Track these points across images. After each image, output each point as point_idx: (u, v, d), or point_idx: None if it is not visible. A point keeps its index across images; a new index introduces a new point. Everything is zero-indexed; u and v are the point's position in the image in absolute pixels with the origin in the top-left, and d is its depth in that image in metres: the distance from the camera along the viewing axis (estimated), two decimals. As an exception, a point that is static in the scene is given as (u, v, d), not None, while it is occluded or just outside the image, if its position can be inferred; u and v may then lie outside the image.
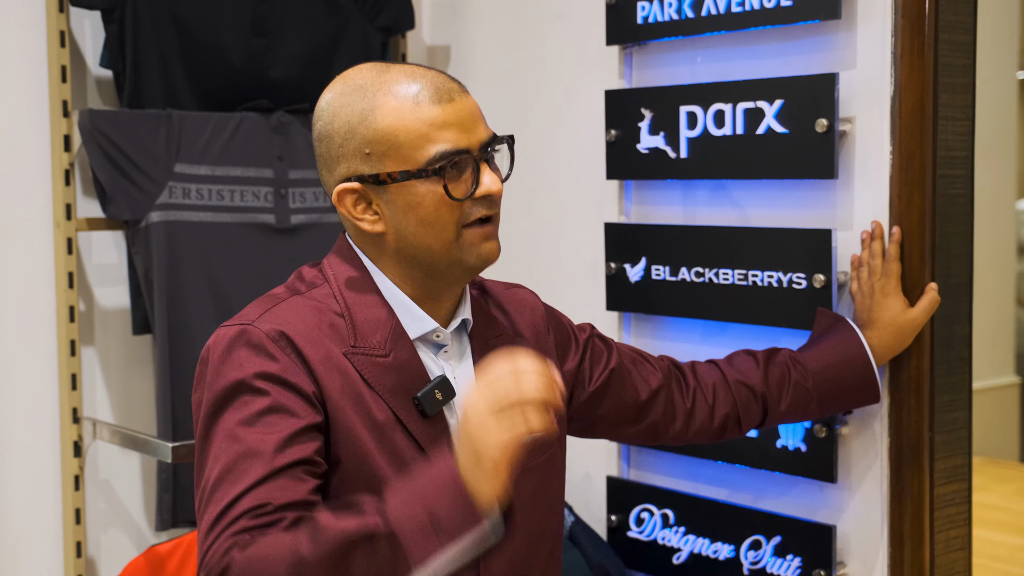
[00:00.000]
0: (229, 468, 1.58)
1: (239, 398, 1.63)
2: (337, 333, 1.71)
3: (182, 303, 2.82)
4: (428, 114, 1.68)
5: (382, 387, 1.70)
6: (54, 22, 2.79)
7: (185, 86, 2.89)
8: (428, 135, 1.68)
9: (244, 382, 1.64)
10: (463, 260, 1.73)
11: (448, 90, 1.71)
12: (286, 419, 1.62)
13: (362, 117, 1.70)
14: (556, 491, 1.91)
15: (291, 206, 2.95)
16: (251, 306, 1.74)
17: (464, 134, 1.70)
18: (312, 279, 1.79)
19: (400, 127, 1.68)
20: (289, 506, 1.56)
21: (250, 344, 1.66)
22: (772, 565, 2.43)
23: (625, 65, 2.69)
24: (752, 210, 2.48)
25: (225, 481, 1.57)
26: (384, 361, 1.72)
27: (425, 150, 1.68)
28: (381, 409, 1.70)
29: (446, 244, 1.72)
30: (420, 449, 1.71)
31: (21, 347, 2.87)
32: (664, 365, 2.13)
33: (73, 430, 2.86)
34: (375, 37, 3.10)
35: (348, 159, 1.72)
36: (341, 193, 1.73)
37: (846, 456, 2.36)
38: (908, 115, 2.22)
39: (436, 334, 1.78)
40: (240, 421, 1.61)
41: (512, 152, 1.80)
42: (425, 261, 1.74)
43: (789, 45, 2.39)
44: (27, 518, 2.89)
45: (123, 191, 2.78)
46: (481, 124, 1.73)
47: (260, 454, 1.58)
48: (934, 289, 2.21)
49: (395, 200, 1.71)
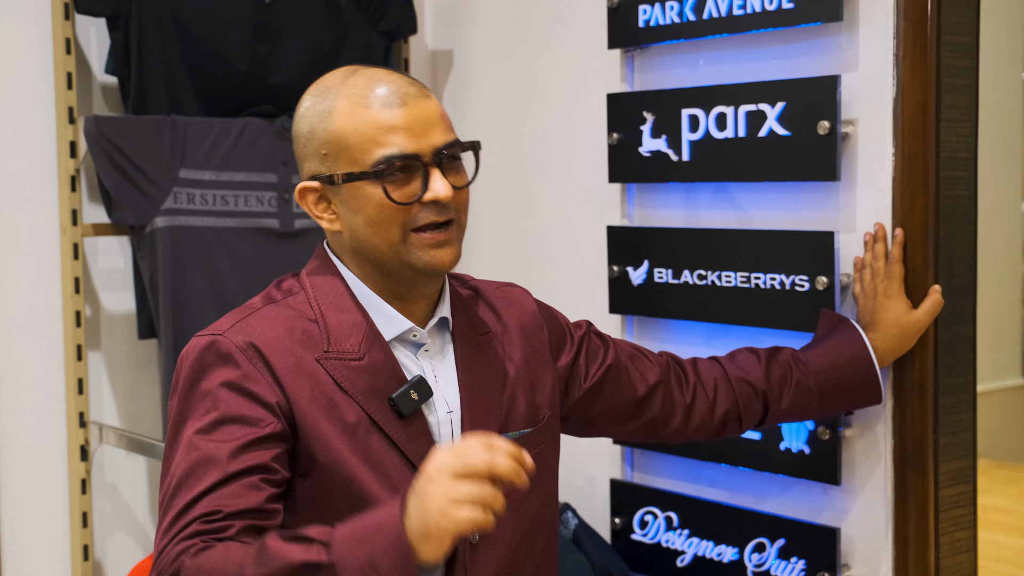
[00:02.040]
0: (186, 475, 1.62)
1: (202, 407, 1.67)
2: (310, 339, 1.74)
3: (187, 307, 2.83)
4: (377, 117, 1.72)
5: (355, 390, 1.72)
6: (60, 29, 2.80)
7: (189, 92, 2.90)
8: (375, 138, 1.71)
9: (208, 392, 1.68)
10: (411, 263, 1.75)
11: (403, 95, 1.73)
12: (243, 428, 1.65)
13: (320, 119, 1.75)
14: (548, 487, 1.92)
15: (295, 211, 2.96)
16: (227, 316, 1.78)
17: (414, 139, 1.72)
18: (289, 287, 1.83)
19: (350, 130, 1.72)
20: (240, 514, 1.59)
21: (218, 354, 1.70)
22: (776, 568, 2.43)
23: (627, 68, 2.70)
24: (754, 212, 2.48)
25: (183, 487, 1.62)
26: (357, 364, 1.74)
27: (372, 153, 1.71)
28: (354, 411, 1.72)
29: (392, 246, 1.74)
30: (397, 449, 1.73)
31: (28, 352, 2.88)
32: (663, 361, 2.13)
33: (80, 434, 2.87)
34: (377, 42, 3.11)
35: (310, 159, 1.78)
36: (302, 191, 1.79)
37: (850, 458, 2.36)
38: (910, 117, 2.22)
39: (413, 334, 1.80)
40: (199, 430, 1.65)
41: (477, 158, 1.81)
42: (377, 261, 1.77)
43: (791, 47, 2.40)
44: (34, 521, 2.90)
45: (128, 196, 2.79)
46: (437, 129, 1.74)
47: (215, 461, 1.62)
48: (937, 291, 2.21)
49: (347, 200, 1.74)
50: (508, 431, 1.84)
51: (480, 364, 1.85)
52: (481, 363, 1.85)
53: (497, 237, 3.15)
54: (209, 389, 1.68)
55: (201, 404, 1.67)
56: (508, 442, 1.52)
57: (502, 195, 3.12)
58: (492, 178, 3.10)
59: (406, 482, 1.69)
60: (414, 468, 1.72)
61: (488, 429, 1.80)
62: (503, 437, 1.56)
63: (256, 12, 2.93)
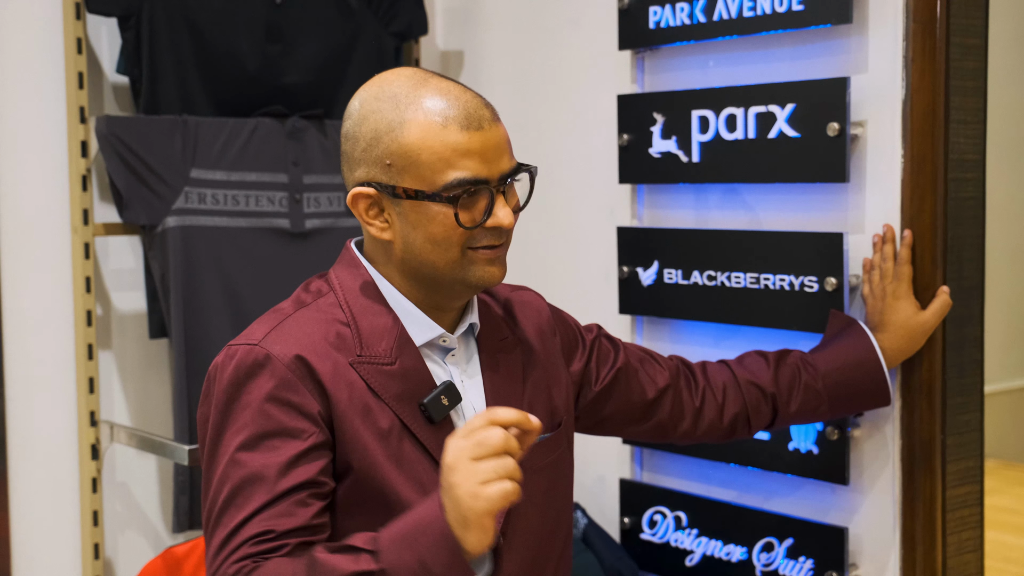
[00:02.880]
0: (234, 492, 1.63)
1: (243, 420, 1.66)
2: (343, 342, 1.73)
3: (198, 307, 2.84)
4: (453, 139, 1.68)
5: (388, 395, 1.72)
6: (71, 29, 2.81)
7: (201, 92, 2.91)
8: (450, 160, 1.68)
9: (247, 404, 1.67)
10: (465, 279, 1.74)
11: (479, 118, 1.70)
12: (288, 442, 1.65)
13: (389, 128, 1.70)
14: (565, 490, 1.93)
15: (305, 211, 2.97)
16: (257, 323, 1.76)
17: (485, 164, 1.69)
18: (318, 288, 1.81)
19: (424, 147, 1.68)
20: (292, 532, 1.61)
21: (256, 364, 1.68)
22: (784, 567, 2.44)
23: (637, 70, 2.70)
24: (764, 214, 2.49)
25: (231, 506, 1.62)
26: (390, 369, 1.73)
27: (444, 174, 1.68)
28: (387, 417, 1.71)
29: (450, 263, 1.73)
30: (428, 455, 1.73)
31: (39, 351, 2.89)
32: (672, 364, 2.14)
33: (91, 433, 2.88)
34: (389, 43, 3.11)
35: (369, 164, 1.72)
36: (356, 196, 1.74)
37: (858, 458, 2.36)
38: (919, 119, 2.22)
39: (443, 339, 1.79)
40: (243, 445, 1.65)
41: (532, 183, 1.79)
42: (428, 276, 1.75)
43: (801, 49, 2.40)
44: (45, 520, 2.91)
45: (140, 196, 2.80)
46: (506, 155, 1.72)
47: (263, 479, 1.62)
48: (946, 292, 2.21)
49: (407, 214, 1.72)
50: None
51: (503, 369, 1.85)
52: (504, 368, 1.85)
53: (506, 237, 3.16)
54: (248, 401, 1.66)
55: (240, 416, 1.66)
56: (508, 410, 1.54)
57: (512, 195, 3.13)
58: (502, 178, 3.11)
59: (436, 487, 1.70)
60: None
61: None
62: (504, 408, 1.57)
63: (268, 12, 2.94)
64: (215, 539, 1.63)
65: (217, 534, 1.62)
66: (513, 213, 1.74)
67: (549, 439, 1.87)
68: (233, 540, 1.60)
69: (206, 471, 1.69)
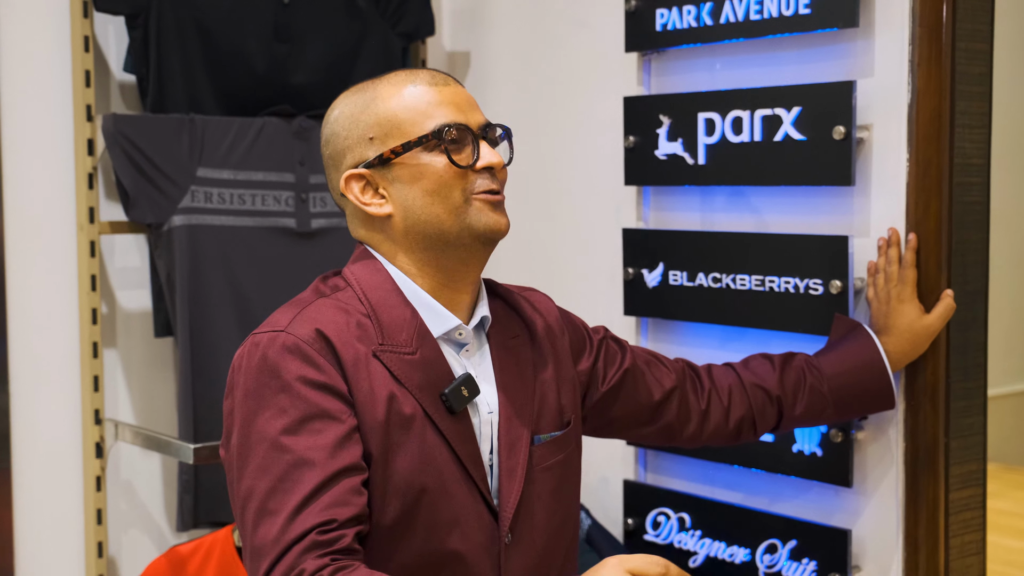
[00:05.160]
0: (281, 478, 1.61)
1: (279, 404, 1.65)
2: (365, 333, 1.74)
3: (204, 306, 2.85)
4: (426, 95, 1.77)
5: (411, 383, 1.73)
6: (78, 27, 2.82)
7: (208, 91, 2.91)
8: (427, 111, 1.76)
9: (282, 388, 1.66)
10: (472, 227, 1.76)
11: (443, 78, 1.80)
12: (329, 424, 1.65)
13: (363, 107, 1.78)
14: (573, 489, 1.93)
15: (312, 210, 2.97)
16: (279, 312, 1.76)
17: (461, 112, 1.77)
18: (335, 283, 1.82)
19: (401, 107, 1.76)
20: (350, 521, 1.60)
21: (286, 348, 1.68)
22: (788, 569, 2.44)
23: (644, 72, 2.71)
24: (769, 216, 2.49)
25: (279, 491, 1.60)
26: (412, 358, 1.74)
27: (425, 124, 1.75)
28: (410, 404, 1.72)
29: (454, 210, 1.75)
30: (448, 445, 1.73)
31: (44, 349, 2.89)
32: (678, 367, 2.14)
33: (95, 431, 2.88)
34: (396, 43, 3.12)
35: (353, 149, 1.79)
36: (348, 179, 1.79)
37: (862, 461, 2.37)
38: (925, 123, 2.23)
39: (459, 332, 1.81)
40: (283, 429, 1.64)
41: (511, 144, 1.86)
42: (434, 234, 1.77)
43: (807, 53, 2.41)
44: (49, 518, 2.91)
45: (146, 195, 2.80)
46: (477, 110, 1.80)
47: (312, 462, 1.61)
48: (950, 295, 2.22)
49: (400, 176, 1.76)
50: (539, 434, 1.85)
51: (512, 366, 1.86)
52: (513, 365, 1.86)
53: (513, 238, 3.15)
54: (282, 385, 1.66)
55: (275, 401, 1.65)
56: (680, 570, 1.54)
57: (519, 196, 3.13)
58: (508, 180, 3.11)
59: (454, 480, 1.72)
60: (462, 466, 1.74)
61: (523, 431, 1.82)
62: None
63: (275, 12, 2.95)
64: (267, 529, 1.59)
65: (274, 519, 1.59)
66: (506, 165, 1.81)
67: (558, 437, 1.87)
68: (294, 526, 1.57)
69: (239, 461, 1.66)
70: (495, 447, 1.80)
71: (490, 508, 1.77)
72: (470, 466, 1.75)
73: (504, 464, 1.79)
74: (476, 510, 1.75)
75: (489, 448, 1.80)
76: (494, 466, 1.79)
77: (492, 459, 1.80)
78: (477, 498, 1.75)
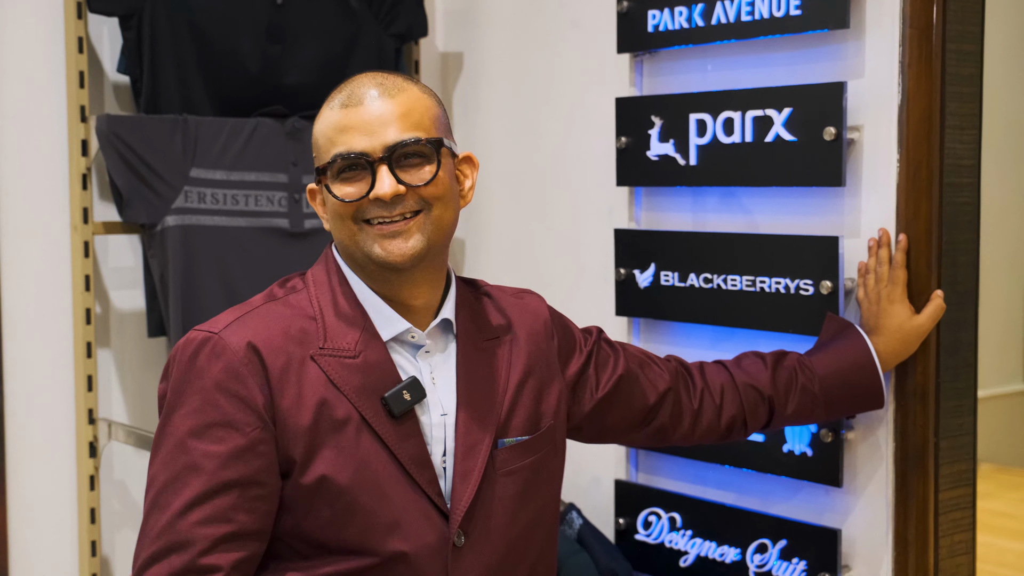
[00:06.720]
0: (175, 477, 1.68)
1: (193, 405, 1.70)
2: (306, 336, 1.76)
3: (197, 306, 2.85)
4: (334, 118, 1.77)
5: (348, 387, 1.74)
6: (72, 28, 2.82)
7: (201, 92, 2.92)
8: (332, 138, 1.77)
9: (200, 389, 1.70)
10: (369, 255, 1.77)
11: (362, 95, 1.77)
12: (231, 434, 1.69)
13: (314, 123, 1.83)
14: (547, 495, 1.91)
15: (305, 211, 2.98)
16: (227, 312, 1.81)
17: (364, 137, 1.74)
18: (293, 285, 1.85)
19: (318, 132, 1.80)
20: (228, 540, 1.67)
21: (213, 353, 1.72)
22: (778, 568, 2.45)
23: (636, 73, 2.72)
24: (760, 217, 2.50)
25: (170, 489, 1.68)
26: (352, 362, 1.75)
27: (328, 153, 1.77)
28: (344, 408, 1.73)
29: (352, 238, 1.78)
30: (386, 448, 1.74)
31: (38, 349, 2.90)
32: (671, 366, 2.14)
33: (89, 431, 2.89)
34: (389, 44, 3.13)
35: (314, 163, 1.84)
36: (310, 192, 1.86)
37: (852, 461, 2.37)
38: (916, 124, 2.24)
39: (411, 335, 1.81)
40: (190, 431, 1.69)
41: (438, 156, 1.77)
42: (349, 255, 1.81)
43: (798, 54, 2.41)
44: (42, 517, 2.92)
45: (140, 195, 2.81)
46: (392, 128, 1.75)
47: (201, 469, 1.67)
48: (940, 296, 2.23)
49: (325, 198, 1.80)
50: (505, 438, 1.84)
51: (482, 368, 1.86)
52: (484, 367, 1.86)
53: (505, 239, 3.17)
54: (203, 387, 1.70)
55: (192, 400, 1.70)
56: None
57: (511, 197, 3.14)
58: (501, 180, 3.12)
59: (393, 481, 1.73)
60: (402, 468, 1.74)
61: (483, 434, 1.81)
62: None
63: (269, 13, 2.95)
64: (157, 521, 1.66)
65: (156, 515, 1.67)
66: (414, 188, 1.74)
67: (527, 441, 1.86)
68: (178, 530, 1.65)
69: (154, 445, 1.73)
70: (448, 449, 1.79)
71: (440, 510, 1.76)
72: (413, 469, 1.74)
73: (458, 466, 1.78)
74: (421, 511, 1.74)
75: (442, 450, 1.79)
76: (447, 468, 1.79)
77: (445, 461, 1.79)
78: (422, 500, 1.75)
